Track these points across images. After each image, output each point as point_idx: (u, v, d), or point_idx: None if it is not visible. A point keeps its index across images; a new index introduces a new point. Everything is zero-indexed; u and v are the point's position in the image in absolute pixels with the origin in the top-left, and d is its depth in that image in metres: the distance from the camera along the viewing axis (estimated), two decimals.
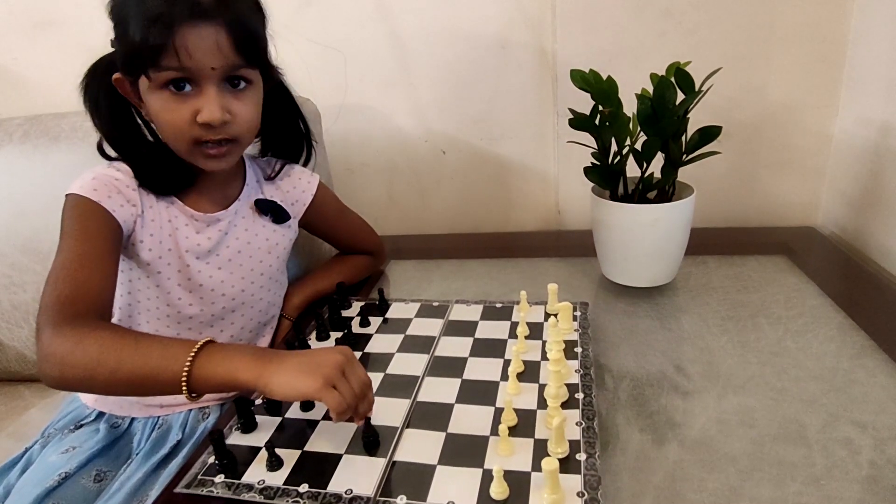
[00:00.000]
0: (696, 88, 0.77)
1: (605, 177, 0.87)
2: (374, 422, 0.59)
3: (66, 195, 0.68)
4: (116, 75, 0.68)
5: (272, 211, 0.83)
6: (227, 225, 0.78)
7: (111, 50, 0.69)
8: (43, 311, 0.60)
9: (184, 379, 0.55)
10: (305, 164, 0.90)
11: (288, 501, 0.53)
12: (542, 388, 0.66)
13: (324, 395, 0.54)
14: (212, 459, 0.59)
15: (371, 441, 0.59)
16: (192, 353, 0.56)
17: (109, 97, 0.70)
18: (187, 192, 0.75)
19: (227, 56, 0.65)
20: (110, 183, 0.69)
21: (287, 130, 0.85)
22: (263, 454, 0.58)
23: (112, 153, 0.73)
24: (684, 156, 0.83)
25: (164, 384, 0.56)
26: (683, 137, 0.83)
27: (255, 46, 0.68)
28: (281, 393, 0.55)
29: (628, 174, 0.87)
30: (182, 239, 0.74)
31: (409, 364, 0.73)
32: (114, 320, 0.75)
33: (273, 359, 0.57)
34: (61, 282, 0.62)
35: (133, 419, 0.78)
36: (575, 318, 0.79)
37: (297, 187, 0.88)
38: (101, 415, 0.78)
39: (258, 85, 0.72)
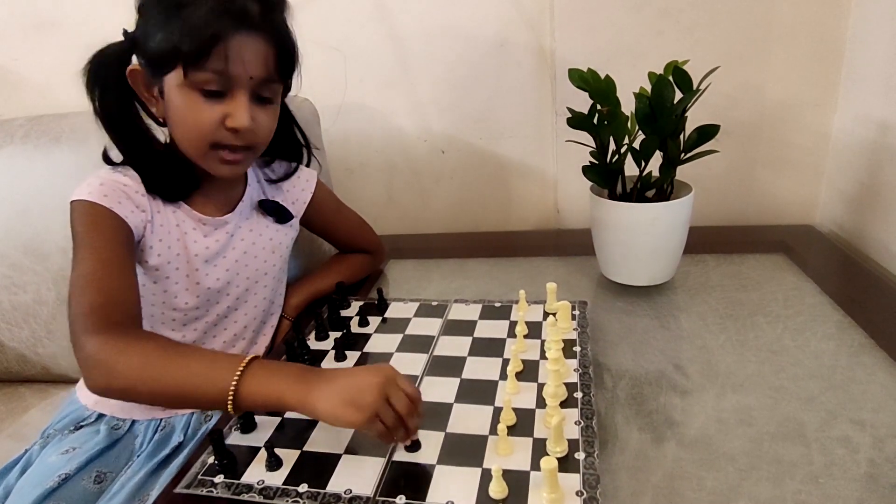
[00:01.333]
0: (695, 87, 0.77)
1: (604, 176, 0.87)
2: None
3: (73, 202, 0.67)
4: (134, 67, 0.67)
5: (276, 212, 0.83)
6: (233, 227, 0.79)
7: (119, 39, 0.68)
8: (78, 321, 0.59)
9: (230, 397, 0.55)
10: (307, 166, 0.90)
11: (287, 501, 0.53)
12: (540, 387, 0.66)
13: (368, 429, 0.53)
14: (211, 459, 0.59)
15: (414, 444, 0.59)
16: (239, 371, 0.55)
17: (118, 89, 0.68)
18: (193, 196, 0.76)
19: (268, 67, 0.66)
20: (119, 189, 0.68)
21: (287, 136, 0.85)
22: (263, 454, 0.58)
23: (117, 158, 0.72)
24: (682, 154, 0.83)
25: (209, 400, 0.56)
26: (682, 136, 0.83)
27: (291, 62, 0.69)
28: (325, 420, 0.54)
29: (627, 173, 0.87)
30: (191, 243, 0.75)
31: (408, 363, 0.73)
32: None
33: (317, 383, 0.55)
34: (90, 291, 0.61)
35: (134, 421, 0.77)
36: (574, 317, 0.79)
37: (296, 186, 0.88)
38: (101, 416, 0.78)
39: (279, 97, 0.73)
